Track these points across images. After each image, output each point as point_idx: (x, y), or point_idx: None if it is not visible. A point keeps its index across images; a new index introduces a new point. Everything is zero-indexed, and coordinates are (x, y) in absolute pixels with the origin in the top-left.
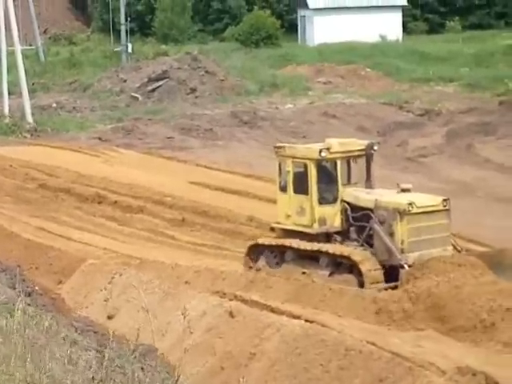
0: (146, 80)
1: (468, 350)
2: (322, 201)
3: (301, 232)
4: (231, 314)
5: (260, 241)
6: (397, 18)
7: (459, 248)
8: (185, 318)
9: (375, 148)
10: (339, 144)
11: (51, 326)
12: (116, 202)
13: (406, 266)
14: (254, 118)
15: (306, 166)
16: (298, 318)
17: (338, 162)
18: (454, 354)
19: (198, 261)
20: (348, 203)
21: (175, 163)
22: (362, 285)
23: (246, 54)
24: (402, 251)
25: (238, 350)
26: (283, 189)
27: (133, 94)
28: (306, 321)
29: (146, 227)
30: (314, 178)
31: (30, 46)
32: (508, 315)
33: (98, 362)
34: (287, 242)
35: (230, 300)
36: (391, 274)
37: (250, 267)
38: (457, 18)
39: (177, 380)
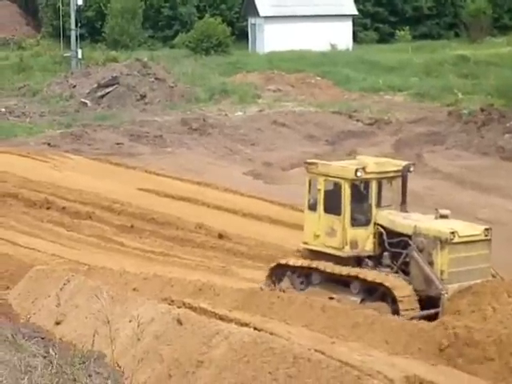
0: (95, 86)
1: (416, 361)
2: (355, 223)
3: (329, 254)
4: (179, 322)
5: (285, 261)
6: (347, 27)
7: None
8: (138, 326)
9: (411, 169)
10: (375, 164)
11: (0, 331)
12: (64, 207)
13: (445, 295)
14: (204, 125)
15: (339, 186)
16: (247, 325)
17: (373, 183)
18: (402, 364)
19: (146, 267)
20: (383, 227)
21: (124, 169)
22: (395, 313)
23: (196, 60)
24: (442, 282)
25: (186, 357)
26: (312, 207)
27: (82, 99)
28: (255, 328)
29: (95, 233)
30: (348, 198)
31: None
32: None
33: (47, 369)
34: (318, 264)
35: (178, 307)
36: (426, 303)
37: (273, 288)
38: (407, 27)
39: None
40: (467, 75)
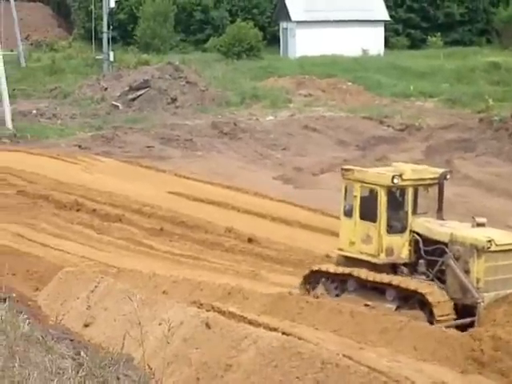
0: (127, 89)
1: (444, 367)
2: (391, 230)
3: (365, 261)
4: (208, 325)
5: (323, 267)
6: (379, 32)
7: None
8: (169, 329)
9: (448, 177)
10: (412, 171)
11: (30, 333)
12: (94, 210)
13: (481, 304)
14: (235, 130)
15: (375, 192)
16: (275, 330)
17: (410, 190)
18: (429, 370)
19: (175, 271)
20: (418, 234)
21: (154, 173)
22: (430, 322)
23: (227, 65)
24: (478, 290)
25: (214, 361)
26: (348, 213)
27: (113, 102)
28: (283, 333)
29: (124, 236)
30: (384, 205)
31: (11, 51)
32: None
33: (77, 371)
34: (358, 272)
35: (207, 311)
36: (462, 312)
37: (307, 292)
38: (438, 33)
39: None
40: (498, 82)
